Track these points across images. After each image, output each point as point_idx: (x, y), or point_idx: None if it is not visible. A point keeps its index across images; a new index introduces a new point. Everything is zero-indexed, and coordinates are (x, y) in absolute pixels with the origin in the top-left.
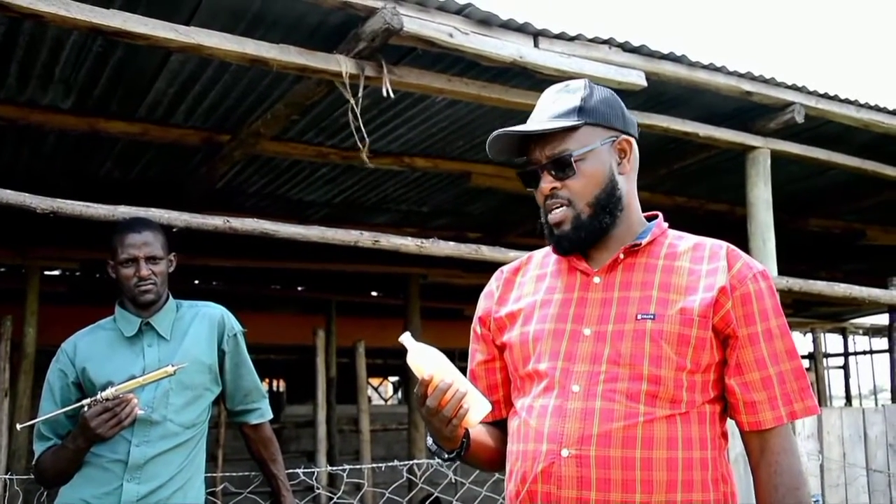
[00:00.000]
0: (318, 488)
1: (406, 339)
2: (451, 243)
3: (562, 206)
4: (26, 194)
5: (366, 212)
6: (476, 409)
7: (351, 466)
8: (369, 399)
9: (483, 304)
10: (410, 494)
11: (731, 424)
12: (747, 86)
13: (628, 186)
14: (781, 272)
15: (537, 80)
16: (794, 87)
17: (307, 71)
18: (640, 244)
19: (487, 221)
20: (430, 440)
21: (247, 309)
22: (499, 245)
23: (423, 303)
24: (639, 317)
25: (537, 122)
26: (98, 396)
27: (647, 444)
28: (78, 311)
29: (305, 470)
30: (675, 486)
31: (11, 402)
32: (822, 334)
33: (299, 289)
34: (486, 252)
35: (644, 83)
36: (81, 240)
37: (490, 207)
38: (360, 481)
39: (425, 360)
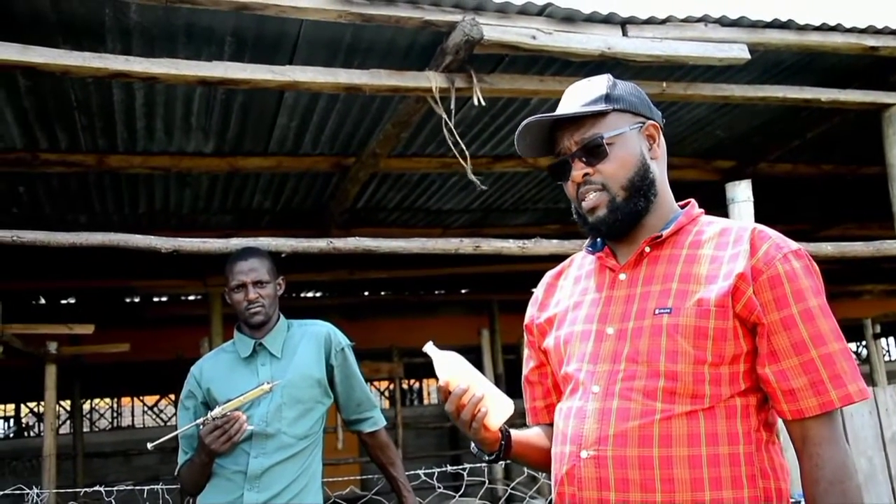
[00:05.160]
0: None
1: (428, 347)
2: (555, 241)
3: (596, 191)
4: (152, 237)
5: (505, 214)
6: (496, 411)
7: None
8: None
9: (528, 312)
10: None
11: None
12: (870, 41)
13: (659, 172)
14: None
15: (637, 69)
16: None
17: (400, 91)
18: (662, 235)
19: None
20: (472, 444)
21: (416, 315)
22: None
23: None
24: (656, 311)
25: (565, 111)
26: (208, 416)
27: (665, 441)
28: None
29: (480, 464)
30: (702, 484)
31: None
32: None
33: (462, 291)
34: None
35: (747, 56)
36: None
37: None
38: (536, 474)
39: (443, 367)
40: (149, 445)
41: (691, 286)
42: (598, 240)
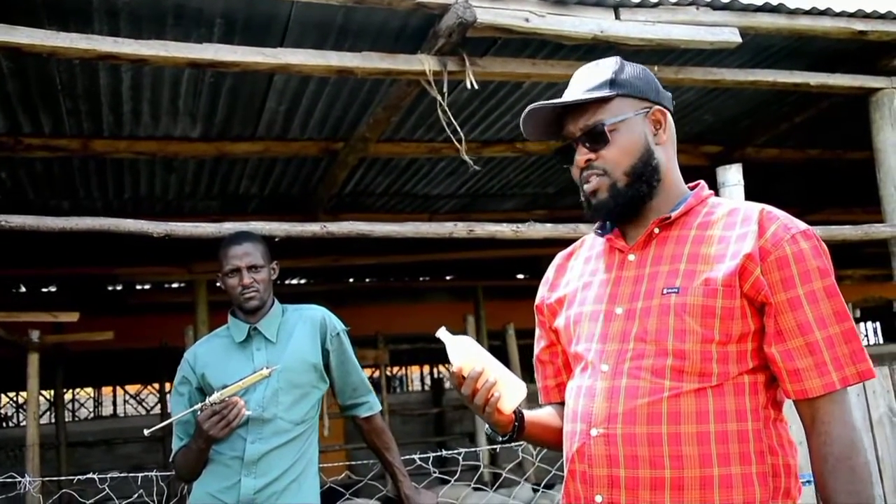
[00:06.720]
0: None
1: (441, 333)
2: (548, 225)
3: (597, 175)
4: (143, 221)
5: (492, 199)
6: (508, 395)
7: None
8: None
9: (539, 292)
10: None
11: None
12: (859, 25)
13: (666, 157)
14: None
15: (629, 53)
16: None
17: (392, 74)
18: (671, 217)
19: None
20: (486, 425)
21: (401, 301)
22: None
23: None
24: (664, 291)
25: (570, 96)
26: (206, 401)
27: (674, 419)
28: None
29: (468, 450)
30: (710, 459)
31: None
32: None
33: (447, 278)
34: (585, 230)
35: (738, 40)
36: None
37: None
38: (527, 457)
39: (456, 351)
40: (145, 432)
41: (699, 266)
42: (608, 222)
